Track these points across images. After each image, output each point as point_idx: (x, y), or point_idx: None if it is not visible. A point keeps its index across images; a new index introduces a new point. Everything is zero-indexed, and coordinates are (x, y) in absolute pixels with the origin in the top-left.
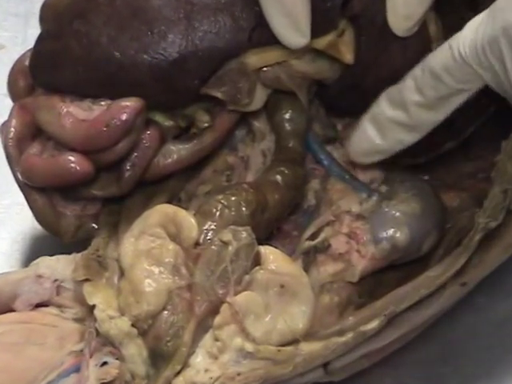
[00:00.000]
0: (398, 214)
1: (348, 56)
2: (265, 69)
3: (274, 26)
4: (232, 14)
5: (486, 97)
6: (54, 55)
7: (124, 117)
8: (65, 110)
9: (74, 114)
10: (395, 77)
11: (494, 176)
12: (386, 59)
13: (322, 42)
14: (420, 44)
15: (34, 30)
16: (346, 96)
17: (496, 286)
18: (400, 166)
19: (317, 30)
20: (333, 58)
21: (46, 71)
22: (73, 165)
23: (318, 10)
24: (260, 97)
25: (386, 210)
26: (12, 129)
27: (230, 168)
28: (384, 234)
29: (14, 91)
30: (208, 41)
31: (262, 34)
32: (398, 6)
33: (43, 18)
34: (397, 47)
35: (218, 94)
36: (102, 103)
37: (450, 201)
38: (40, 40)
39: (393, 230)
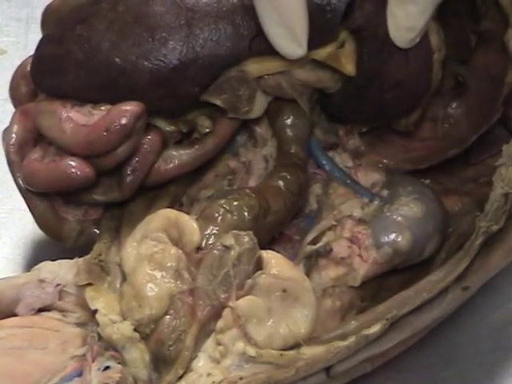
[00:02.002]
0: (399, 218)
1: (349, 67)
2: (265, 77)
3: (271, 36)
4: (233, 21)
5: (490, 106)
6: (55, 60)
7: (124, 121)
8: (65, 115)
9: (75, 119)
10: (399, 87)
11: (495, 180)
12: (389, 70)
13: (321, 53)
14: (422, 54)
15: (35, 35)
16: (350, 106)
17: (498, 289)
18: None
19: (316, 41)
20: (334, 68)
21: (47, 76)
22: (74, 170)
23: (317, 20)
24: (260, 104)
25: (388, 214)
26: (13, 135)
27: (231, 172)
28: (386, 239)
29: (15, 97)
30: (208, 48)
31: (263, 43)
32: (400, 18)
33: (45, 23)
34: (399, 58)
35: (218, 102)
36: (102, 108)
37: (451, 205)
38: (42, 45)
39: (395, 234)
